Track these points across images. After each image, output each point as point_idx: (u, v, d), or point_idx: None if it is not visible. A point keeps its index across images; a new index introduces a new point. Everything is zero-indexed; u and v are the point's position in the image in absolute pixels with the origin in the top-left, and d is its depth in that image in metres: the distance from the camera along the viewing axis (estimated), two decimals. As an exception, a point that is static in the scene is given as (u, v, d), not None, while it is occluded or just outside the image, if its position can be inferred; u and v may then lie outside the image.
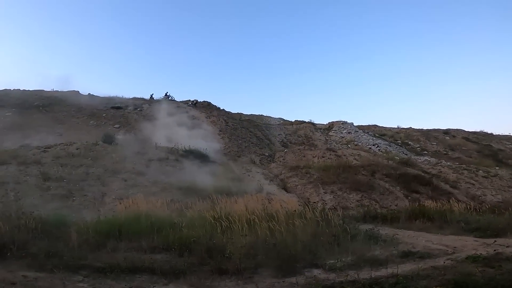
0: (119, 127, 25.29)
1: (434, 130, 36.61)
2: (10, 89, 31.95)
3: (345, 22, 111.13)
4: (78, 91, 32.90)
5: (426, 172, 20.51)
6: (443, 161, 23.91)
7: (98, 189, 12.70)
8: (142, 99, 33.24)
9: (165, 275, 4.78)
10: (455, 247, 6.45)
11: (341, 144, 29.75)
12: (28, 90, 31.83)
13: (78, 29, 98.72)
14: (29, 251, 5.33)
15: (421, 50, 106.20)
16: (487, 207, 11.68)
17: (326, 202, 14.71)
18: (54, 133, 22.21)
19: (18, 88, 32.24)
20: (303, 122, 35.17)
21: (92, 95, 32.61)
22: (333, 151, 24.37)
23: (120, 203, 10.15)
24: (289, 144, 29.06)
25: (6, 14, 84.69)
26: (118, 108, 29.22)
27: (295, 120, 36.00)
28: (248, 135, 27.58)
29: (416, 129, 36.47)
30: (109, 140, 19.34)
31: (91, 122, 25.85)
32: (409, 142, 31.90)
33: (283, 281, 4.70)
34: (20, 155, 14.91)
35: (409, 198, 15.92)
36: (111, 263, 5.02)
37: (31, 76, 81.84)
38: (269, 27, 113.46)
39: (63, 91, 32.38)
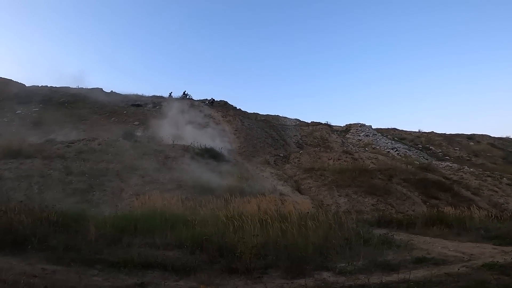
0: (138, 124, 25.97)
1: (458, 135, 35.26)
2: (38, 86, 33.53)
3: (366, 23, 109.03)
4: (102, 89, 34.16)
5: (447, 178, 19.82)
6: (466, 167, 22.99)
7: (116, 184, 13.10)
8: (161, 97, 33.99)
9: (177, 272, 4.88)
10: (472, 254, 6.30)
11: (358, 147, 29.25)
12: (55, 86, 33.27)
13: (104, 28, 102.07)
14: (49, 244, 5.54)
15: (445, 53, 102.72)
16: (509, 215, 11.22)
17: (340, 205, 14.53)
18: (77, 128, 23.14)
19: (46, 85, 33.82)
20: (320, 123, 34.79)
21: (114, 92, 33.72)
22: (350, 153, 23.99)
23: (137, 199, 10.46)
24: (305, 145, 28.85)
25: (27, 11, 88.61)
26: (138, 105, 30.05)
27: (311, 122, 35.68)
28: (264, 135, 27.60)
29: (438, 133, 35.27)
30: (128, 137, 19.94)
31: (112, 118, 26.71)
32: (431, 147, 30.87)
33: (292, 283, 4.71)
34: (45, 150, 15.57)
35: (428, 204, 15.45)
36: (125, 258, 5.17)
37: (53, 73, 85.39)
38: (288, 29, 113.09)
39: (87, 88, 33.69)
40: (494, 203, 16.16)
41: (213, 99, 34.71)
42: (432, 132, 35.67)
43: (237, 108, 34.10)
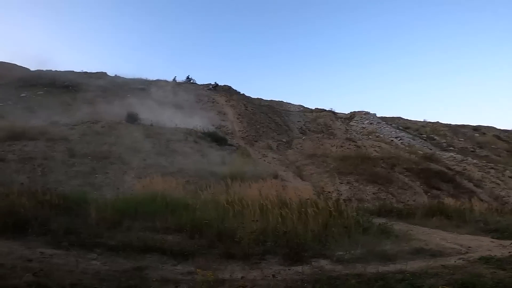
0: (142, 107, 25.87)
1: (463, 126, 34.78)
2: (43, 70, 33.44)
3: (374, 9, 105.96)
4: (106, 73, 34.12)
5: (449, 169, 19.73)
6: (469, 159, 22.78)
7: (119, 167, 13.18)
8: (165, 81, 33.75)
9: (175, 256, 4.90)
10: (469, 247, 6.29)
11: (361, 135, 29.04)
12: (59, 70, 33.22)
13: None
14: (50, 228, 5.52)
15: (453, 43, 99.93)
16: (510, 208, 11.20)
17: (341, 193, 14.56)
18: (81, 111, 23.08)
19: (50, 69, 33.75)
20: (324, 110, 34.43)
21: (118, 76, 33.60)
22: (353, 141, 23.87)
23: (139, 182, 10.52)
24: (308, 131, 28.69)
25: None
26: (142, 89, 29.90)
27: (315, 108, 35.29)
28: (267, 121, 27.45)
29: (443, 123, 34.75)
30: (131, 119, 19.96)
31: (115, 102, 26.61)
32: (435, 137, 30.54)
33: (289, 269, 4.73)
34: (49, 132, 15.60)
35: (429, 194, 15.45)
36: (125, 241, 5.18)
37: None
38: (292, 14, 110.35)
39: (91, 72, 33.64)
40: (495, 196, 16.13)
41: (217, 84, 34.44)
42: (438, 122, 35.21)
43: (241, 93, 33.84)
